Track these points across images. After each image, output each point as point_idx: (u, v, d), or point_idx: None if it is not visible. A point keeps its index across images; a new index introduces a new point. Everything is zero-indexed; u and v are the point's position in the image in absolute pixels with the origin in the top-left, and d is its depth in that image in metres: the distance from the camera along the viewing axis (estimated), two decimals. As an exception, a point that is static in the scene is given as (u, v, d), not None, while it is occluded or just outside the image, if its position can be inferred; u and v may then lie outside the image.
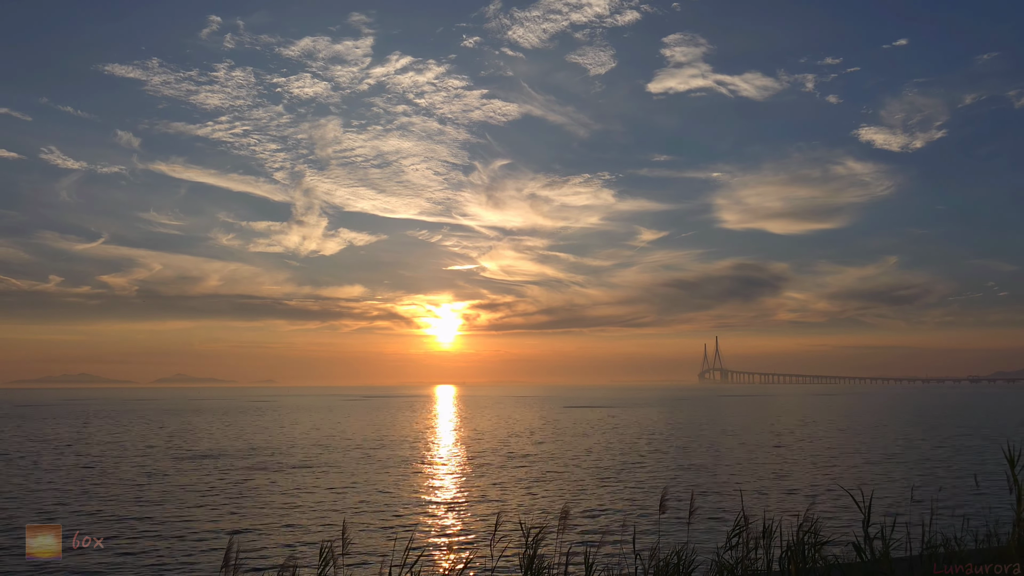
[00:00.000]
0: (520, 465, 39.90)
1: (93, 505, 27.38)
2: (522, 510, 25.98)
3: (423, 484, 33.09)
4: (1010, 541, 11.66)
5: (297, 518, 24.75)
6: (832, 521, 22.93)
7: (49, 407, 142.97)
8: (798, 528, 11.74)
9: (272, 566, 18.25)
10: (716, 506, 26.52)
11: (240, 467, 39.04)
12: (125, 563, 18.95)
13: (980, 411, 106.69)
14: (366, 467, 39.27)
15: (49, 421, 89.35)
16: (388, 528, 23.11)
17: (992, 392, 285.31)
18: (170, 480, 34.17)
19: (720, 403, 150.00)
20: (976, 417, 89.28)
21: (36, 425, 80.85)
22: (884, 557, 10.91)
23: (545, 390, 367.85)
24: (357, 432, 67.12)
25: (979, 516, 22.35)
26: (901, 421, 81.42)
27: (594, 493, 29.83)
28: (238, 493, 30.07)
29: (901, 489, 29.95)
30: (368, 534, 22.30)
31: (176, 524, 23.77)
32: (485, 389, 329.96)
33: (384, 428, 73.51)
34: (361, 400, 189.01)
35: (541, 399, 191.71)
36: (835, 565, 11.65)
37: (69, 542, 19.79)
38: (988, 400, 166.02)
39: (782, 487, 31.25)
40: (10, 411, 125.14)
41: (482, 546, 20.51)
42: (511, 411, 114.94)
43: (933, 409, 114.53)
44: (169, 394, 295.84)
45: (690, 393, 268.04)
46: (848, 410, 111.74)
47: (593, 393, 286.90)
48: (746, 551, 11.67)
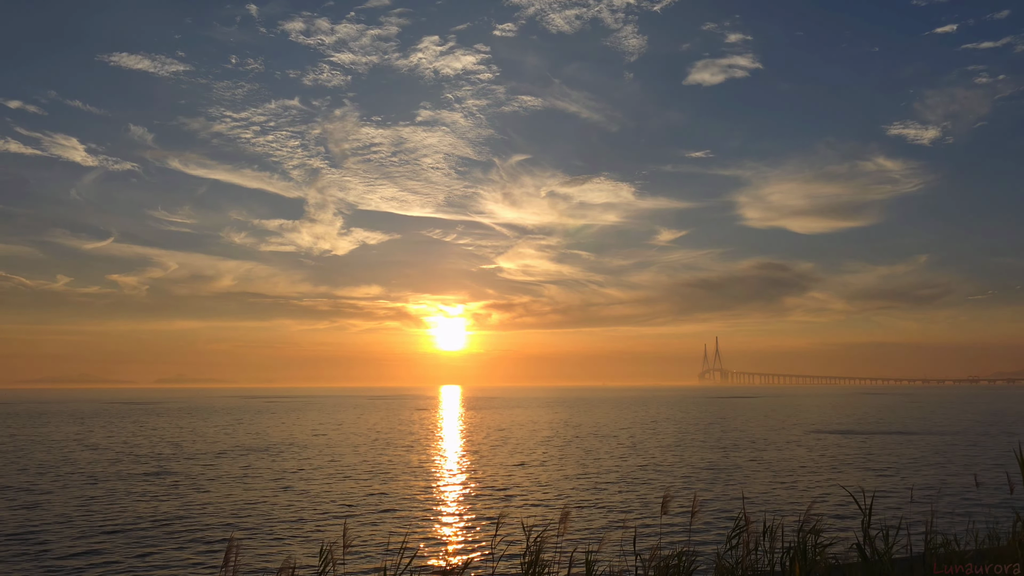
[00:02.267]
0: (521, 465, 39.89)
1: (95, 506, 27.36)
2: (523, 510, 25.98)
3: (423, 485, 33.07)
4: (1010, 541, 11.67)
5: (297, 518, 24.74)
6: (832, 521, 22.93)
7: (18, 409, 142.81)
8: (799, 528, 11.74)
9: (272, 566, 18.24)
10: (717, 507, 26.52)
11: (235, 466, 39.04)
12: (125, 563, 18.94)
13: (977, 411, 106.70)
14: (366, 467, 39.26)
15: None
16: (388, 529, 23.10)
17: (992, 392, 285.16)
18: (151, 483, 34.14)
19: (698, 406, 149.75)
20: (975, 418, 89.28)
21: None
22: (885, 557, 10.92)
23: (546, 391, 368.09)
24: (339, 435, 67.07)
25: (979, 516, 22.37)
26: (900, 421, 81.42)
27: (594, 493, 29.83)
28: (237, 493, 30.06)
29: (901, 489, 29.95)
30: (368, 534, 22.29)
31: (176, 524, 23.76)
32: (490, 391, 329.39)
33: (380, 430, 73.48)
34: (358, 401, 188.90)
35: (540, 401, 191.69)
36: (836, 565, 11.65)
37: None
38: (986, 401, 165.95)
39: (782, 487, 31.25)
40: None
41: (483, 547, 20.51)
42: (512, 414, 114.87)
43: (931, 409, 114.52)
44: (160, 395, 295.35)
45: (671, 396, 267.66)
46: (846, 411, 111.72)
47: (587, 395, 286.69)
48: (747, 552, 11.67)
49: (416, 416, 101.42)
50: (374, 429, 72.55)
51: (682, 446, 50.78)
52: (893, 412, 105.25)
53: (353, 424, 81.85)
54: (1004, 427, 70.34)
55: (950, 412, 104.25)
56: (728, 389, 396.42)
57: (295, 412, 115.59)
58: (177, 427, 76.38)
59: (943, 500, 26.09)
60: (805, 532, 11.62)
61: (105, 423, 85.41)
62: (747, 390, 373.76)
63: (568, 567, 11.46)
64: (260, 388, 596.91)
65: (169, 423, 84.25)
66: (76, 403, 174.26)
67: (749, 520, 11.82)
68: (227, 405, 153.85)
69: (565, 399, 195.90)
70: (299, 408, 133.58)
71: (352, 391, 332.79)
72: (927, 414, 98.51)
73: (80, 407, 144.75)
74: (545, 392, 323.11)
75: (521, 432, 66.75)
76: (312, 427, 75.73)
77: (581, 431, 67.52)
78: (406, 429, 72.80)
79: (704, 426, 73.89)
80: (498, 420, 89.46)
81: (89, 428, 75.93)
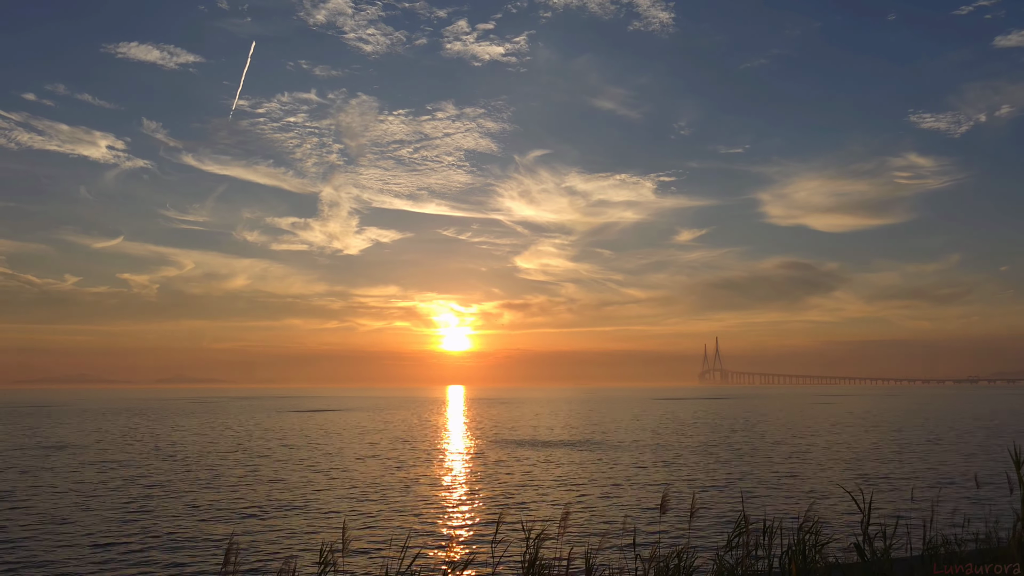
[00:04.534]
0: (521, 466, 39.89)
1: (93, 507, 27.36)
2: (523, 510, 25.98)
3: (423, 485, 33.07)
4: (1010, 541, 11.66)
5: (297, 519, 24.74)
6: (832, 521, 22.93)
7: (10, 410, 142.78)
8: (799, 528, 11.74)
9: (272, 567, 18.25)
10: (717, 506, 26.52)
11: (230, 466, 39.03)
12: (125, 563, 18.95)
13: (973, 412, 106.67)
14: (366, 468, 39.26)
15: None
16: (389, 528, 23.11)
17: (990, 393, 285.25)
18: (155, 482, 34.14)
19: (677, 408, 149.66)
20: (971, 418, 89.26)
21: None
22: (884, 557, 10.92)
23: (548, 392, 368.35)
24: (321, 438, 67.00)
25: (979, 516, 22.37)
26: (897, 421, 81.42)
27: (595, 493, 29.84)
28: (236, 493, 30.07)
29: (901, 489, 29.95)
30: (369, 534, 22.30)
31: (175, 524, 23.77)
32: (498, 391, 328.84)
33: (381, 430, 73.46)
34: (360, 402, 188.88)
35: (542, 402, 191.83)
36: (836, 565, 11.65)
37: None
38: (981, 402, 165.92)
39: (782, 487, 31.25)
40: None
41: (483, 546, 20.51)
42: (514, 415, 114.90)
43: (931, 410, 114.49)
44: (154, 396, 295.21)
45: (659, 397, 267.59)
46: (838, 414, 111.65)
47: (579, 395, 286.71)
48: (747, 551, 11.67)
49: (419, 416, 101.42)
50: (376, 430, 72.55)
51: (682, 445, 50.80)
52: (875, 414, 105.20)
53: (354, 424, 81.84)
54: (998, 427, 70.33)
55: (949, 413, 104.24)
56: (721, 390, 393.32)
57: (291, 413, 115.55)
58: (161, 428, 76.35)
59: (943, 500, 26.09)
60: (805, 532, 11.62)
61: (95, 422, 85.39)
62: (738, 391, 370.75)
63: (568, 567, 11.46)
64: (260, 389, 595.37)
65: (151, 423, 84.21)
66: (76, 403, 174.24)
67: (749, 520, 11.83)
68: (211, 406, 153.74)
69: (565, 400, 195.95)
70: (286, 409, 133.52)
71: (356, 392, 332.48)
72: (923, 415, 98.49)
73: (81, 406, 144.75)
74: (547, 393, 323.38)
75: (522, 433, 66.74)
76: (300, 429, 75.69)
77: (578, 432, 67.52)
78: (408, 429, 72.79)
79: (683, 426, 73.91)
80: (500, 421, 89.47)
81: (79, 428, 75.91)
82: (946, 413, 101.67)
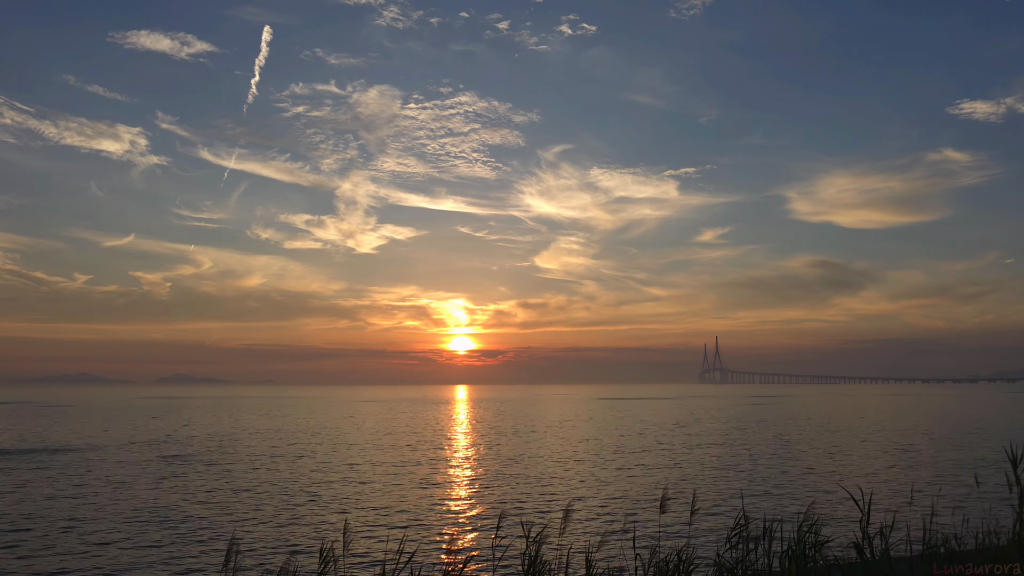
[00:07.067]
0: (520, 466, 39.90)
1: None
2: (523, 510, 25.99)
3: (424, 485, 33.08)
4: (1010, 541, 11.66)
5: (298, 519, 24.75)
6: (832, 521, 22.93)
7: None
8: (798, 528, 11.74)
9: (272, 566, 18.25)
10: (716, 506, 26.52)
11: (230, 464, 39.02)
12: (125, 563, 18.95)
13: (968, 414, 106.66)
14: (366, 468, 39.27)
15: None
16: (389, 528, 23.11)
17: (988, 393, 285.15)
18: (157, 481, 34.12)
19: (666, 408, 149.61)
20: (969, 419, 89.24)
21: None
22: (884, 557, 10.92)
23: (553, 393, 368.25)
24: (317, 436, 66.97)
25: (979, 516, 22.36)
26: (895, 422, 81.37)
27: (595, 493, 29.84)
28: (236, 493, 30.07)
29: (901, 489, 29.95)
30: (369, 534, 22.30)
31: (176, 524, 23.77)
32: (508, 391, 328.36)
33: (382, 431, 73.45)
34: (361, 403, 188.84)
35: (547, 402, 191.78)
36: (835, 565, 11.65)
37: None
38: (978, 403, 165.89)
39: (782, 487, 31.25)
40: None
41: (484, 545, 20.52)
42: (517, 415, 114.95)
43: (931, 410, 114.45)
44: (152, 395, 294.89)
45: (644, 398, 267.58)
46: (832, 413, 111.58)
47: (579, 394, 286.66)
48: (746, 551, 11.67)
49: (423, 417, 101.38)
50: (377, 430, 72.53)
51: (681, 446, 50.80)
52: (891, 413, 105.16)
53: (354, 425, 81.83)
54: (998, 426, 70.32)
55: (947, 414, 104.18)
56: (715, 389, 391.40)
57: (282, 413, 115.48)
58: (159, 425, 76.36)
59: (943, 500, 26.07)
60: (804, 531, 11.63)
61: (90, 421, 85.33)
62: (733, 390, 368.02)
63: (567, 566, 11.47)
64: (256, 388, 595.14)
65: (147, 421, 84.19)
66: (74, 403, 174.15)
67: (748, 519, 11.83)
68: (211, 404, 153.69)
69: (565, 399, 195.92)
70: (285, 408, 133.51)
71: (361, 392, 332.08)
72: (921, 415, 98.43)
73: (84, 406, 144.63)
74: (553, 393, 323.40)
75: (523, 431, 66.74)
76: (307, 428, 75.67)
77: (576, 432, 67.52)
78: (411, 430, 72.79)
79: (681, 426, 73.88)
80: (502, 421, 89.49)
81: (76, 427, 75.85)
82: (947, 413, 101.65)
